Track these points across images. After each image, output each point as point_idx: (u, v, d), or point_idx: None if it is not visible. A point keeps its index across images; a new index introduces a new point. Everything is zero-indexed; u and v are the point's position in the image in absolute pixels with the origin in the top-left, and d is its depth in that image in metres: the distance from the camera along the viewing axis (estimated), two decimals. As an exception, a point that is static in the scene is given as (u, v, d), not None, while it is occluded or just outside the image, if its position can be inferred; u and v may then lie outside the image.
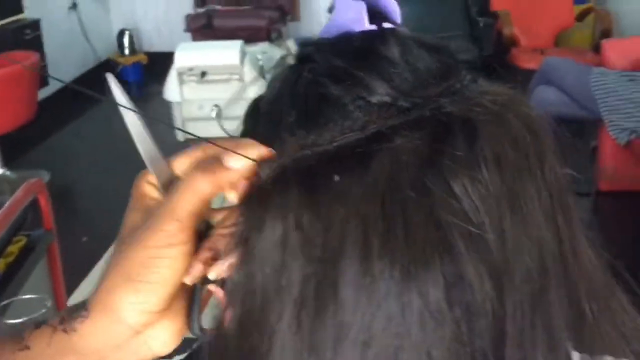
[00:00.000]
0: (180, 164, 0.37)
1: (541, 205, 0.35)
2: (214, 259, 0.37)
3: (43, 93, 3.87)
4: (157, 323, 0.37)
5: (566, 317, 0.35)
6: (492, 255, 0.32)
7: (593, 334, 0.38)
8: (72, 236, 2.64)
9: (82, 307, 0.37)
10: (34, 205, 1.66)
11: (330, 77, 0.36)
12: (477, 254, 0.32)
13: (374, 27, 0.38)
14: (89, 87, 0.37)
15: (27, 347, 0.37)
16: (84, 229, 2.95)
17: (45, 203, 1.61)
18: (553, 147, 0.37)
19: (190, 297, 0.38)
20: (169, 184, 0.36)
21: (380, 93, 0.34)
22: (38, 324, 0.38)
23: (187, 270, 0.36)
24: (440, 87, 0.35)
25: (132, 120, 0.36)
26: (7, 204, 1.45)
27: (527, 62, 3.91)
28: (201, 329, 0.38)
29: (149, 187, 0.38)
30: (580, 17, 4.43)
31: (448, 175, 0.32)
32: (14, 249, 1.60)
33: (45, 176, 3.50)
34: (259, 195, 0.34)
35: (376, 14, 0.39)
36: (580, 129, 3.69)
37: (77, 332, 0.36)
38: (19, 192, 1.51)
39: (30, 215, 1.68)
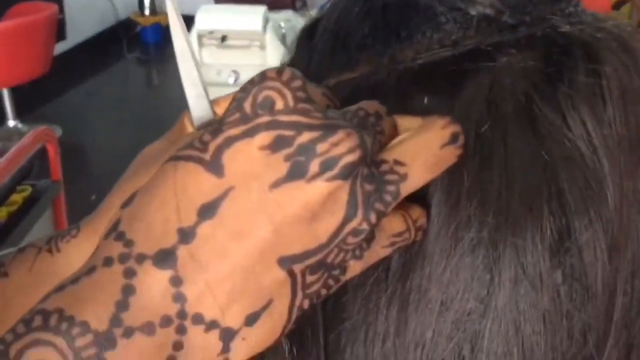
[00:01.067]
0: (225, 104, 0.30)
1: None
2: None
3: (60, 48, 3.81)
4: None
5: None
6: (608, 210, 0.26)
7: None
8: (81, 194, 2.61)
9: (75, 227, 0.30)
10: (42, 155, 1.61)
11: None
12: (592, 205, 0.26)
13: None
14: (107, 45, 0.30)
15: (6, 274, 0.30)
16: (93, 187, 2.91)
17: (53, 153, 1.55)
18: None
19: None
20: (207, 124, 0.30)
21: (482, 3, 0.28)
22: (22, 248, 0.31)
23: None
24: (553, 7, 0.29)
25: (182, 48, 0.30)
26: (12, 150, 1.39)
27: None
28: None
29: (189, 123, 0.31)
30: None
31: (564, 105, 0.26)
32: (17, 198, 1.56)
33: (58, 131, 3.46)
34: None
35: None
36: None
37: (62, 253, 0.30)
38: (25, 139, 1.45)
39: (37, 165, 1.63)
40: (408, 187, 0.23)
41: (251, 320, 0.22)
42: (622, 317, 0.27)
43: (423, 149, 0.24)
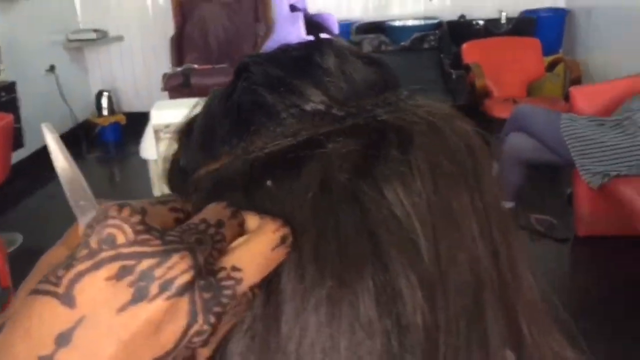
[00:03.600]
0: None
1: (476, 219, 0.34)
2: None
3: (18, 155, 3.84)
4: None
5: (503, 335, 0.34)
6: (424, 265, 0.31)
7: (532, 357, 0.36)
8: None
9: None
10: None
11: (265, 85, 0.35)
12: (409, 262, 0.31)
13: (311, 38, 0.38)
14: (66, 148, 0.33)
15: None
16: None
17: (1, 260, 1.56)
18: (491, 167, 0.36)
19: None
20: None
21: (314, 101, 0.34)
22: None
23: None
24: (376, 99, 0.35)
25: (63, 168, 0.32)
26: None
27: (500, 111, 3.97)
28: None
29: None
30: (550, 67, 4.53)
31: (380, 181, 0.32)
32: (-32, 310, 1.54)
33: (19, 238, 3.44)
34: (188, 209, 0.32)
35: (315, 26, 0.39)
36: (555, 175, 3.71)
37: None
38: (-28, 251, 1.47)
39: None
40: (243, 288, 0.28)
41: None
42: (451, 354, 0.31)
43: (257, 253, 0.29)
